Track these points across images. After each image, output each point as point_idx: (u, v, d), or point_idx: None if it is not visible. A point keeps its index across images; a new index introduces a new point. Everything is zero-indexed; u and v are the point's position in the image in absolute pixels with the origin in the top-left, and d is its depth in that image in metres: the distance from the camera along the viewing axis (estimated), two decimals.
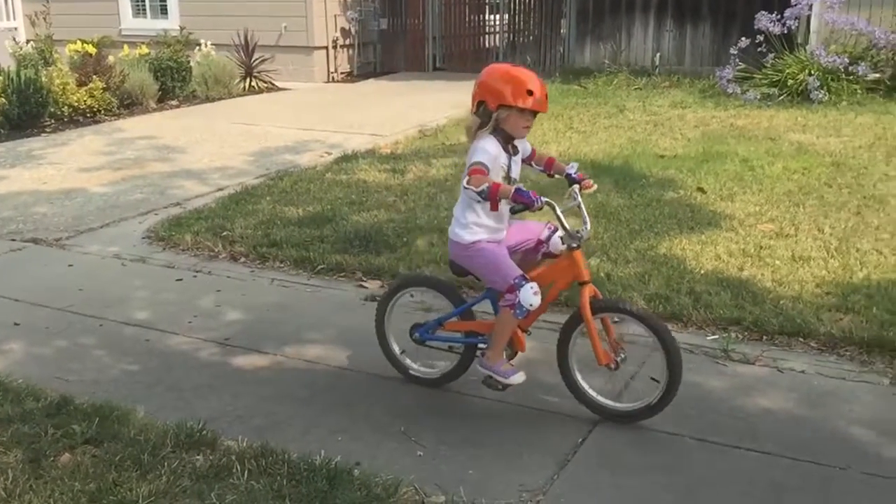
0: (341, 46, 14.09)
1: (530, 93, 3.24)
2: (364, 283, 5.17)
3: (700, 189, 6.65)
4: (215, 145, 9.08)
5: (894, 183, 6.58)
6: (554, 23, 13.51)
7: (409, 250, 5.54)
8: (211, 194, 7.13)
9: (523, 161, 3.59)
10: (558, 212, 3.37)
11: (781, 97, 9.83)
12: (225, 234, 5.98)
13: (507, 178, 3.40)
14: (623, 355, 3.52)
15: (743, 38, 10.34)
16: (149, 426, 3.44)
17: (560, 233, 3.50)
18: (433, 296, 3.99)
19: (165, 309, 4.86)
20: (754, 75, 10.28)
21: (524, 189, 3.19)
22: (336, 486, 3.02)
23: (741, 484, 3.14)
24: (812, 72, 9.80)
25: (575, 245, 3.43)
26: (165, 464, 3.15)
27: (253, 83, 12.97)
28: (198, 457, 3.24)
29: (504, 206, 3.36)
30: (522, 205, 3.17)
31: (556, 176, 3.74)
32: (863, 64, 9.74)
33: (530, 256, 3.66)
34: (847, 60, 9.73)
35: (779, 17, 10.12)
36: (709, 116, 9.41)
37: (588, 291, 3.44)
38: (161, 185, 7.52)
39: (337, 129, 9.74)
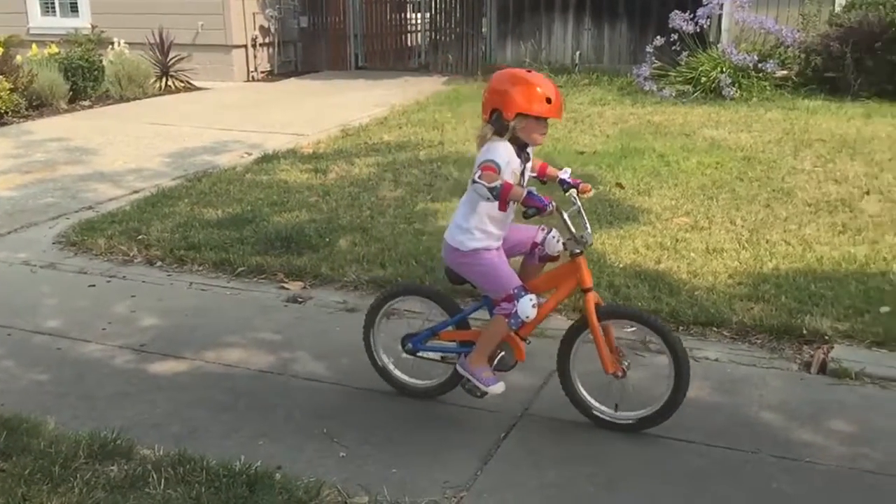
0: (261, 45, 13.87)
1: (549, 101, 3.15)
2: (286, 285, 5.10)
3: (618, 184, 6.77)
4: (130, 146, 8.83)
5: (801, 176, 6.83)
6: (475, 21, 13.58)
7: (332, 250, 5.49)
8: (125, 197, 6.93)
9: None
10: (565, 216, 3.31)
11: (696, 94, 10.10)
12: (140, 237, 5.82)
13: (519, 185, 3.27)
14: (627, 362, 3.45)
15: (658, 37, 10.58)
16: (60, 437, 3.32)
17: (564, 237, 3.41)
18: (426, 305, 3.80)
19: (77, 316, 4.70)
20: (669, 73, 10.53)
21: (536, 193, 3.13)
22: (257, 491, 2.97)
23: (660, 471, 3.21)
24: (724, 69, 10.10)
25: (578, 251, 3.34)
26: (78, 475, 3.05)
27: (170, 83, 12.65)
28: (112, 467, 3.14)
29: (509, 212, 3.30)
30: (535, 209, 3.09)
31: (549, 182, 3.59)
32: (771, 61, 10.08)
33: (529, 262, 3.58)
34: (756, 58, 10.06)
35: (692, 16, 10.39)
36: (627, 113, 9.60)
37: (592, 298, 3.35)
38: (73, 188, 7.27)
39: (257, 128, 9.58)
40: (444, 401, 3.74)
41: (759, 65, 10.06)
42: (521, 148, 3.26)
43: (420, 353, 3.71)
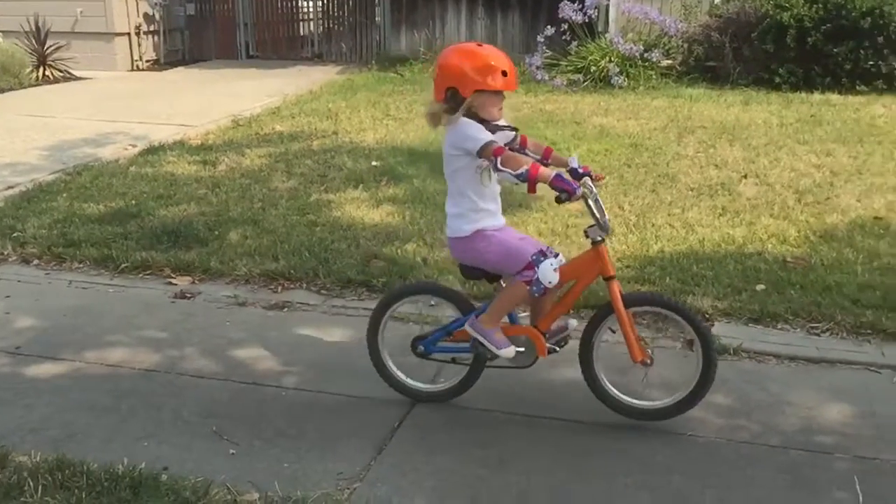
0: (145, 33, 13.36)
1: (505, 73, 3.08)
2: (173, 280, 4.94)
3: None
4: (4, 140, 8.35)
5: (685, 161, 7.08)
6: (368, 10, 13.45)
7: (222, 244, 5.35)
8: None
9: (514, 149, 3.35)
10: (590, 201, 3.18)
11: (586, 83, 10.31)
12: (15, 235, 5.52)
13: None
14: (651, 349, 3.39)
15: (549, 27, 10.74)
16: None
17: (590, 224, 3.26)
18: (437, 304, 3.66)
19: None
20: (561, 62, 10.71)
21: (564, 175, 3.05)
22: (141, 494, 2.87)
23: (551, 451, 3.27)
24: (612, 59, 10.34)
25: (600, 238, 3.24)
26: None
27: (48, 73, 12.03)
28: None
29: (494, 182, 3.22)
30: (565, 192, 3.01)
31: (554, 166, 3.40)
32: (656, 51, 10.39)
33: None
34: (642, 48, 10.35)
35: (580, 6, 10.59)
36: (520, 102, 9.71)
37: (616, 286, 3.27)
38: None
39: (142, 119, 9.23)
40: (339, 392, 3.71)
41: (646, 54, 10.35)
42: (483, 125, 3.16)
43: (433, 356, 3.55)
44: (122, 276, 5.01)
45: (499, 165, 3.02)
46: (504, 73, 3.08)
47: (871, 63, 9.36)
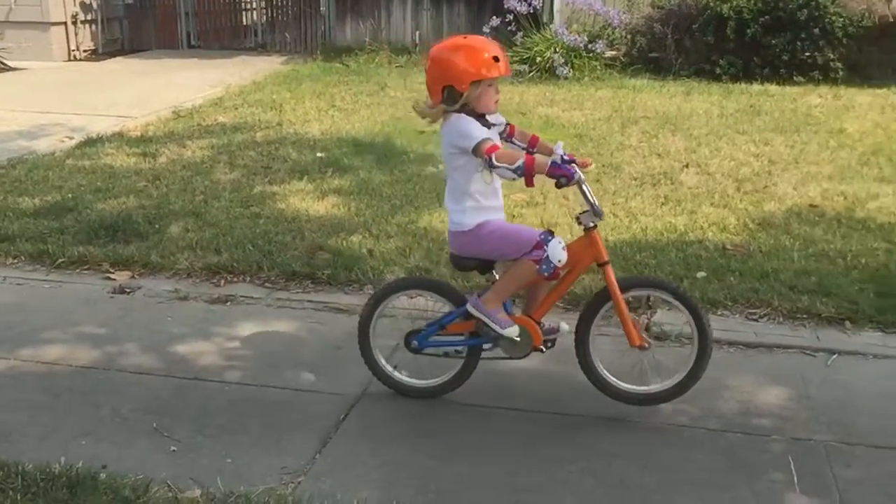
0: (83, 22, 13.01)
1: (496, 59, 3.05)
2: (112, 275, 4.82)
3: None
4: None
5: (628, 151, 7.17)
6: (313, 0, 13.31)
7: (163, 237, 5.24)
8: None
9: (502, 138, 3.35)
10: (585, 187, 3.17)
11: (531, 74, 10.36)
12: None
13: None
14: (647, 334, 3.38)
15: (494, 17, 10.76)
16: None
17: (582, 211, 3.26)
18: (430, 298, 3.60)
19: None
20: (507, 53, 10.75)
21: (559, 161, 3.03)
22: (78, 494, 2.81)
23: (497, 440, 3.28)
24: (557, 50, 10.42)
25: (593, 224, 3.23)
26: None
27: None
28: None
29: (496, 180, 3.18)
30: (564, 178, 3.00)
31: (540, 154, 3.38)
32: (601, 42, 10.50)
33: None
34: (587, 39, 10.45)
35: None
36: None
37: (611, 271, 3.27)
38: None
39: (80, 111, 8.99)
40: (284, 386, 3.67)
41: (590, 45, 10.44)
42: (479, 119, 3.14)
43: (426, 351, 3.50)
44: (58, 271, 4.87)
45: (494, 162, 3.00)
46: (496, 59, 3.06)
47: (807, 54, 9.60)
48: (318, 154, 7.03)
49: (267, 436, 3.30)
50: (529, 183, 3.02)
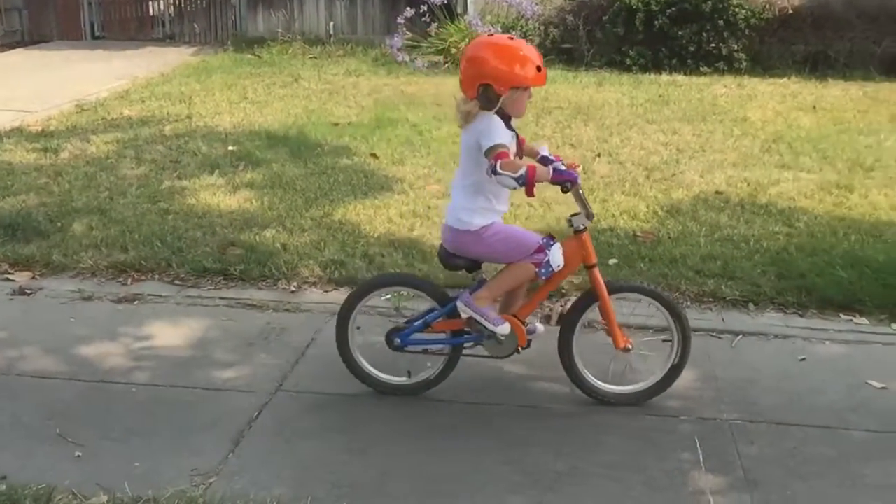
0: None
1: (539, 69, 3.05)
2: (11, 276, 4.62)
3: (373, 155, 6.82)
4: None
5: (542, 141, 7.19)
6: None
7: (65, 236, 5.05)
8: None
9: None
10: (580, 191, 3.23)
11: (447, 65, 10.36)
12: None
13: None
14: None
15: (409, 8, 10.72)
16: None
17: (579, 212, 3.28)
18: (412, 296, 3.55)
19: None
20: (421, 44, 10.72)
21: (561, 167, 3.05)
22: None
23: (416, 431, 3.29)
24: (471, 41, 10.44)
25: (583, 227, 3.27)
26: None
27: None
28: None
29: (505, 189, 3.14)
30: (569, 183, 3.06)
31: (527, 157, 3.37)
32: (514, 33, 10.57)
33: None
34: (500, 30, 10.49)
35: None
36: (381, 84, 9.67)
37: (598, 274, 3.29)
38: None
39: None
40: (194, 385, 3.58)
41: None
42: (506, 120, 3.13)
43: (408, 349, 3.45)
44: None
45: (497, 169, 2.96)
46: (538, 69, 3.06)
47: (712, 45, 9.87)
48: (230, 147, 6.88)
49: (177, 437, 3.22)
50: (530, 193, 3.01)
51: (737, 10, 9.73)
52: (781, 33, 10.05)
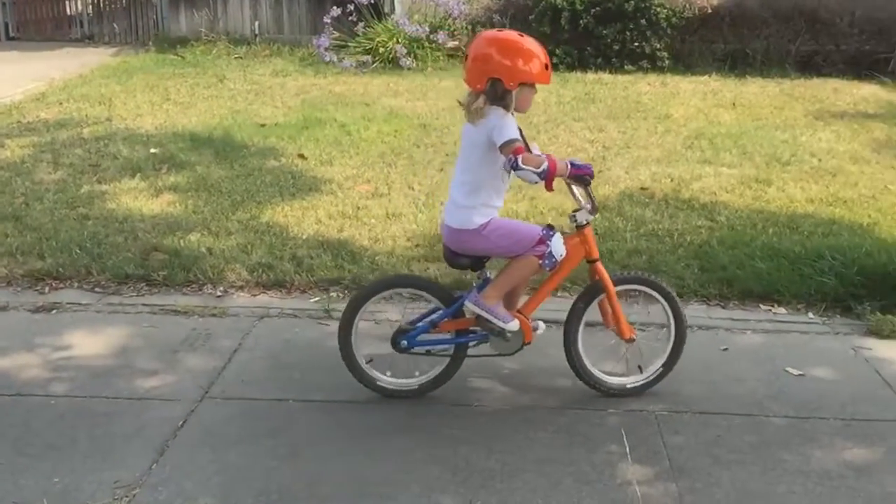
0: None
1: (547, 67, 3.08)
2: None
3: (301, 156, 6.74)
4: None
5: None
6: None
7: None
8: None
9: None
10: (589, 188, 3.25)
11: (375, 64, 10.32)
12: None
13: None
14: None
15: (335, 7, 10.64)
16: None
17: (581, 207, 3.28)
18: (418, 297, 3.51)
19: None
20: (349, 44, 10.65)
21: (578, 162, 3.10)
22: None
23: (342, 435, 3.25)
24: (399, 40, 10.43)
25: (585, 222, 3.28)
26: None
27: None
28: None
29: (507, 181, 3.19)
30: (588, 177, 3.13)
31: None
32: (442, 32, 10.59)
33: None
34: (428, 29, 10.51)
35: None
36: (309, 84, 9.57)
37: (602, 267, 3.33)
38: None
39: None
40: (116, 395, 3.47)
41: (431, 36, 10.52)
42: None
43: (414, 350, 3.41)
44: None
45: (520, 164, 2.96)
46: (546, 66, 3.09)
47: (636, 44, 10.06)
48: (152, 150, 6.71)
49: (98, 450, 3.12)
50: (549, 187, 3.04)
51: (658, 9, 9.94)
52: (702, 32, 10.31)
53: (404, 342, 3.39)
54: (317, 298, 4.44)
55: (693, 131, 7.51)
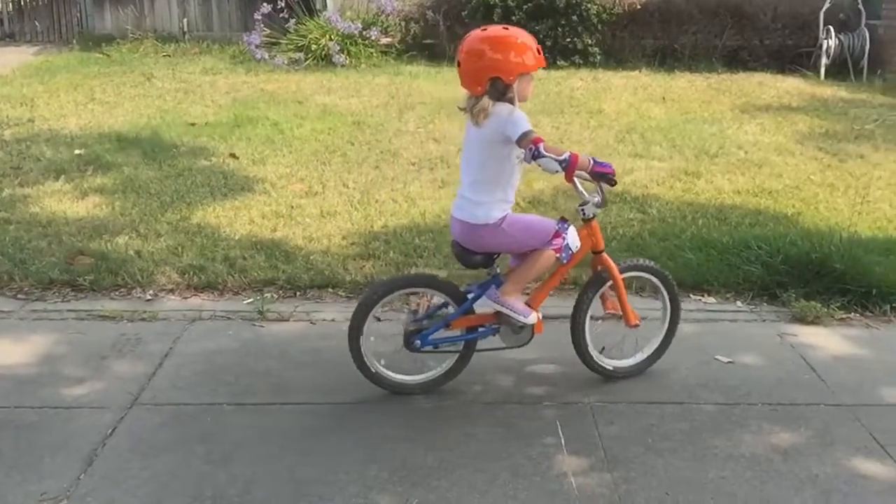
0: None
1: (539, 51, 3.11)
2: None
3: (232, 155, 6.63)
4: None
5: (406, 137, 7.26)
6: None
7: None
8: None
9: None
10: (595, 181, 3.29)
11: (308, 62, 10.23)
12: None
13: None
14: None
15: (266, 4, 10.51)
16: None
17: (588, 200, 3.31)
18: (433, 297, 3.50)
19: None
20: (281, 41, 10.53)
21: (600, 160, 3.13)
22: None
23: (277, 437, 3.20)
24: (332, 37, 10.35)
25: (592, 216, 3.35)
26: None
27: None
28: None
29: (515, 180, 3.22)
30: (610, 175, 3.14)
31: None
32: (375, 29, 10.55)
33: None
34: (361, 26, 10.46)
35: None
36: (240, 82, 9.42)
37: (608, 257, 3.42)
38: None
39: None
40: (42, 405, 3.36)
41: (365, 32, 10.47)
42: None
43: (426, 348, 3.42)
44: None
45: (542, 152, 2.98)
46: (538, 51, 3.12)
47: (568, 40, 10.19)
48: (77, 151, 6.53)
49: (24, 461, 3.01)
50: (570, 178, 3.08)
51: (589, 5, 10.09)
52: (631, 28, 10.49)
53: (418, 341, 3.40)
54: (250, 300, 4.37)
55: (624, 125, 7.63)
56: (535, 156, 2.99)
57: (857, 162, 6.66)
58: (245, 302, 4.36)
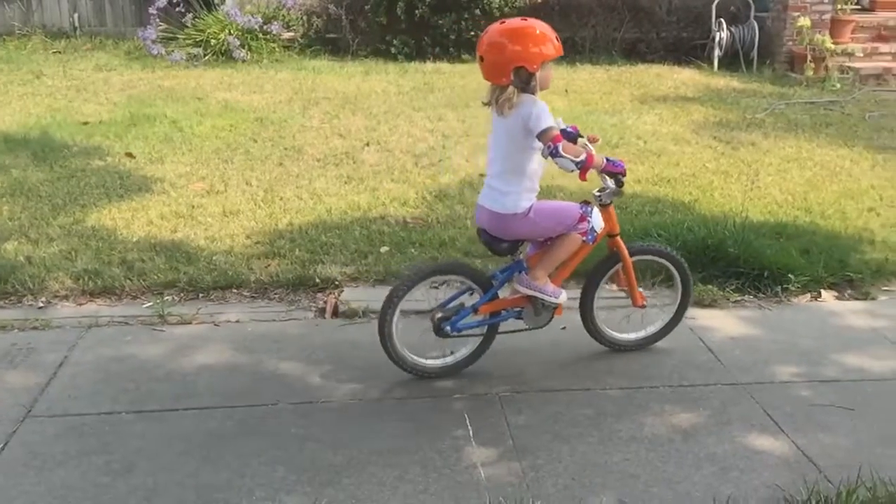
0: None
1: (557, 39, 3.21)
2: None
3: (129, 154, 6.41)
4: None
5: (310, 133, 7.16)
6: None
7: None
8: None
9: None
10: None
11: (207, 57, 9.95)
12: None
13: None
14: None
15: None
16: None
17: (607, 187, 3.46)
18: (461, 283, 3.56)
19: None
20: (178, 36, 10.22)
21: (613, 160, 3.31)
22: None
23: (179, 444, 3.11)
24: (232, 31, 10.10)
25: (609, 201, 3.48)
26: None
27: None
28: None
29: (541, 168, 3.32)
30: (619, 175, 3.35)
31: None
32: (276, 23, 10.35)
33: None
34: (261, 20, 10.24)
35: None
36: (136, 79, 9.11)
37: (621, 241, 3.58)
38: None
39: None
40: None
41: (265, 27, 10.26)
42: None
43: (454, 334, 3.51)
44: None
45: (560, 152, 3.09)
46: (556, 39, 3.22)
47: (472, 33, 10.21)
48: None
49: None
50: (583, 177, 3.21)
51: None
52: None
53: (448, 327, 3.48)
54: (150, 304, 4.23)
55: None
56: (554, 154, 3.11)
57: (748, 149, 6.93)
58: (144, 306, 4.22)
